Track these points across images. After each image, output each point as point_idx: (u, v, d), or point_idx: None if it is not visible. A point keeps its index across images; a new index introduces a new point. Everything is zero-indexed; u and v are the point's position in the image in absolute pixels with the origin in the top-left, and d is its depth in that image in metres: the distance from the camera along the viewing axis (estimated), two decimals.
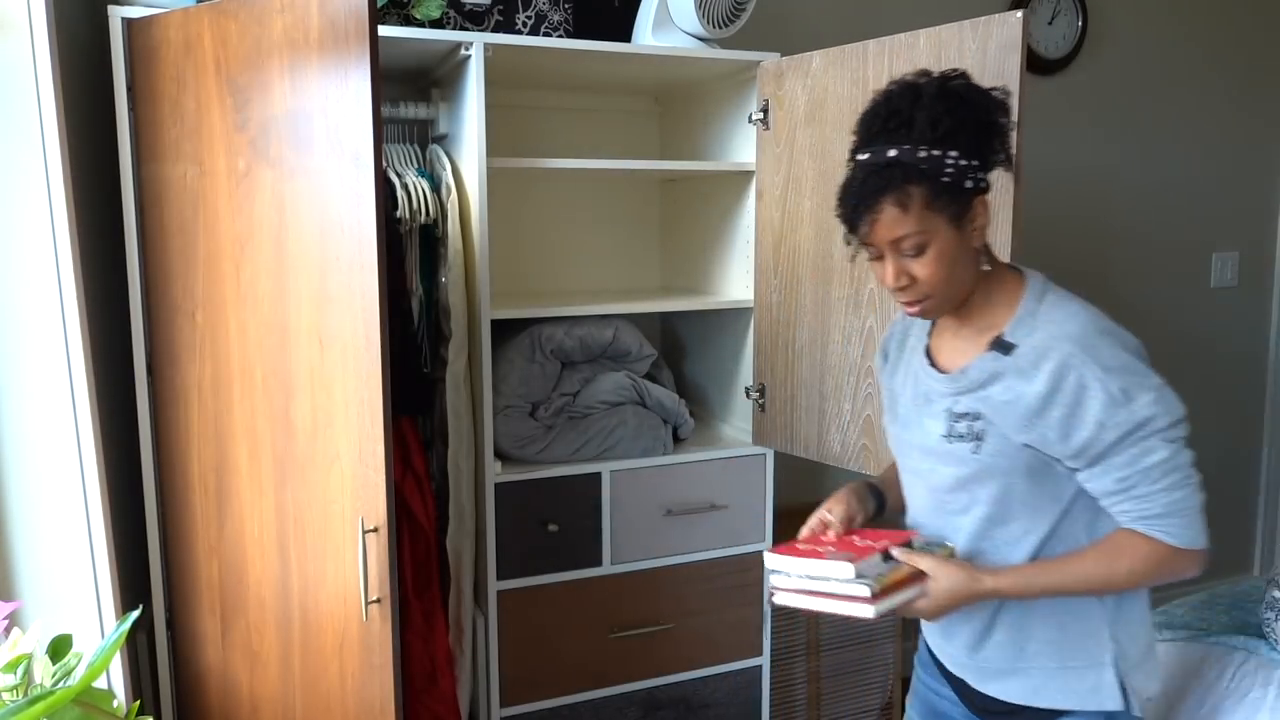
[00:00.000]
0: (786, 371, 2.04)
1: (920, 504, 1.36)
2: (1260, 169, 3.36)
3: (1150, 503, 1.15)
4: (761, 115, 2.00)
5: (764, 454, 2.14)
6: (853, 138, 1.23)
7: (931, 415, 1.29)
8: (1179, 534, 1.15)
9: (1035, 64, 2.83)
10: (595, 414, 2.01)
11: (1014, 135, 1.21)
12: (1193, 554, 1.17)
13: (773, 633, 2.20)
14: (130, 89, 1.60)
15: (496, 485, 1.90)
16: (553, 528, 1.95)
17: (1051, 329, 1.19)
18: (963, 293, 1.23)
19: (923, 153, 1.14)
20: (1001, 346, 1.21)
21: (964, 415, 1.24)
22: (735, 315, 2.19)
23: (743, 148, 2.11)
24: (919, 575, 1.23)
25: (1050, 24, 2.88)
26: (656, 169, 2.14)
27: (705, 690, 2.14)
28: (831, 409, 1.94)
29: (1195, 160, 3.22)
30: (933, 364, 1.32)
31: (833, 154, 1.86)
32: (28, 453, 1.44)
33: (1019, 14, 1.54)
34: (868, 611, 1.18)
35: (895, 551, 1.25)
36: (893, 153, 1.14)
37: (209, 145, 1.51)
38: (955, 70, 1.20)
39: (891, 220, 1.15)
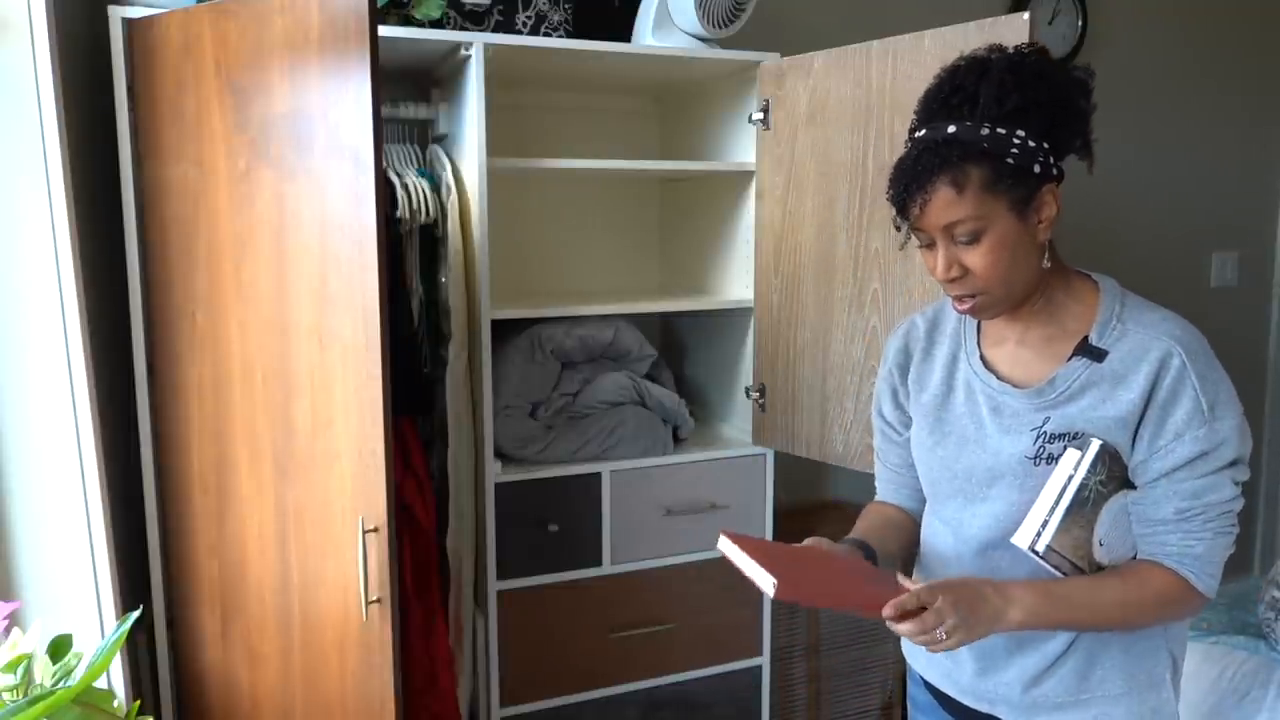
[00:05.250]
0: (787, 371, 2.03)
1: (974, 533, 1.20)
2: (1260, 169, 3.36)
3: (1194, 541, 1.08)
4: (762, 115, 2.00)
5: (764, 454, 2.13)
6: (913, 117, 1.13)
7: (1009, 432, 1.16)
8: (1206, 580, 1.09)
9: None
10: (595, 414, 2.01)
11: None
12: (1204, 601, 1.11)
13: (773, 633, 2.20)
14: (130, 89, 1.59)
15: (496, 485, 1.90)
16: (553, 528, 1.95)
17: (1147, 330, 1.10)
18: (1021, 292, 1.12)
19: (985, 130, 1.03)
20: (1091, 353, 1.11)
21: (1060, 436, 1.11)
22: (735, 315, 2.19)
23: (743, 148, 2.11)
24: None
25: (1050, 24, 2.88)
26: (656, 169, 2.13)
27: (705, 690, 2.14)
28: (834, 409, 1.94)
29: (1195, 160, 3.22)
30: (997, 377, 1.19)
31: (835, 155, 1.86)
32: (28, 452, 1.44)
33: (1025, 16, 1.53)
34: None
35: (901, 579, 1.09)
36: (952, 129, 1.04)
37: (209, 145, 1.51)
38: (1033, 43, 1.09)
39: (945, 202, 1.05)
